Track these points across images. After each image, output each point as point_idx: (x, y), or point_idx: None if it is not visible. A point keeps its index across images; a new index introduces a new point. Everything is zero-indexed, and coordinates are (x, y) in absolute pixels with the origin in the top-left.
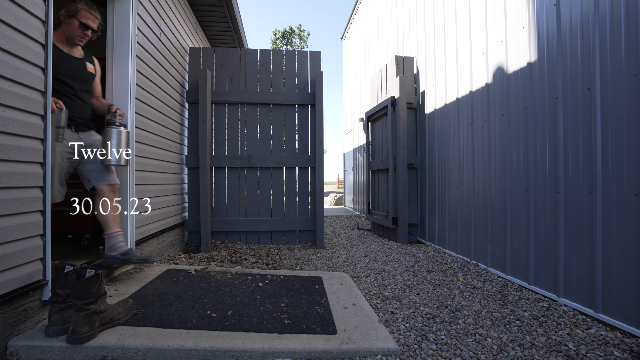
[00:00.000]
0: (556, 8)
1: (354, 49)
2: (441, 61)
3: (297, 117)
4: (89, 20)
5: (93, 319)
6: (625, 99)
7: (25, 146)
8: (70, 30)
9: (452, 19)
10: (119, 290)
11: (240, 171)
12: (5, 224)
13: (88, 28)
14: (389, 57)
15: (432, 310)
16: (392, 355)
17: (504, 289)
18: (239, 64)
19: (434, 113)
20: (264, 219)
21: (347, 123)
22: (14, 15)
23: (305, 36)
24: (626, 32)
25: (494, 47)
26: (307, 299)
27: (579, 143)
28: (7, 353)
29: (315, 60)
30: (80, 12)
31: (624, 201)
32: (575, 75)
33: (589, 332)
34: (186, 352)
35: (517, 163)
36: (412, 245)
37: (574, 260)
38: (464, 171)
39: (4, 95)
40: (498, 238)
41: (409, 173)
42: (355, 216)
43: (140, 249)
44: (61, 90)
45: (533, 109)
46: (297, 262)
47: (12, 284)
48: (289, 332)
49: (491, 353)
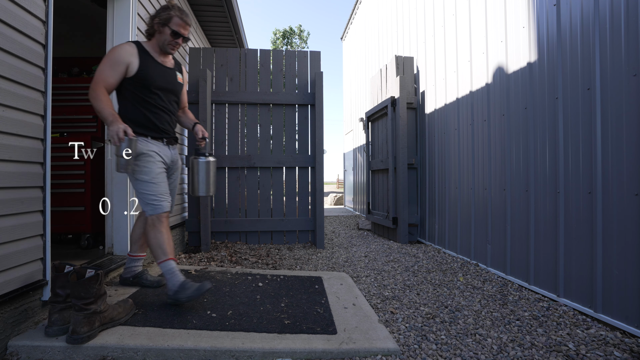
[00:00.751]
0: (556, 8)
1: (354, 49)
2: (441, 61)
3: (297, 117)
4: (181, 28)
5: (93, 319)
6: (625, 99)
7: (25, 146)
8: (162, 39)
9: (452, 19)
10: (119, 290)
11: (240, 171)
12: (6, 224)
13: (179, 36)
14: (389, 57)
15: (432, 310)
16: (392, 355)
17: (504, 289)
18: (239, 64)
19: (434, 113)
20: (264, 219)
21: (347, 123)
22: (14, 15)
23: (305, 36)
24: (626, 32)
25: (494, 47)
26: (307, 299)
27: (579, 143)
28: (7, 353)
29: (315, 60)
30: (172, 19)
31: (624, 201)
32: (575, 75)
33: (589, 332)
34: (186, 352)
35: (517, 163)
36: (412, 245)
37: (574, 260)
38: (464, 171)
39: (4, 95)
40: (498, 238)
41: (409, 173)
42: (355, 216)
43: None
44: (152, 102)
45: (533, 109)
46: (297, 262)
47: (12, 284)
48: (289, 332)
49: (491, 353)
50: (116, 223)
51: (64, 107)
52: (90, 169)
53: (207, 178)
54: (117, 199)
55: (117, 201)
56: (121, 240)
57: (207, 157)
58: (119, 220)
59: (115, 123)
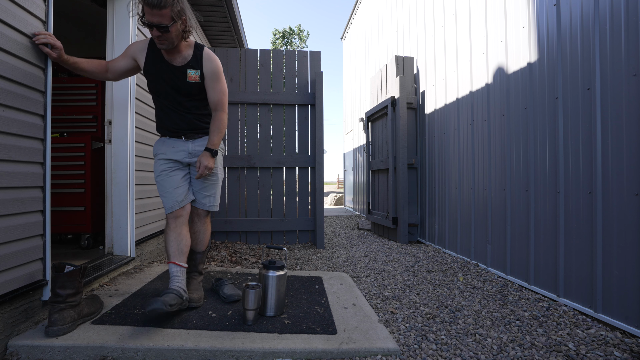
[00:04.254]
0: (556, 8)
1: (354, 49)
2: (441, 61)
3: (297, 117)
4: (148, 16)
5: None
6: (625, 99)
7: (25, 146)
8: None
9: (452, 19)
10: (119, 290)
11: (240, 171)
12: (6, 224)
13: (151, 26)
14: (389, 57)
15: (432, 310)
16: (392, 355)
17: (504, 289)
18: (239, 64)
19: (434, 113)
20: (264, 219)
21: (347, 123)
22: (14, 15)
23: (305, 36)
24: (626, 32)
25: (494, 47)
26: (307, 299)
27: (579, 143)
28: (7, 353)
29: (315, 60)
30: (144, 9)
31: (624, 201)
32: (575, 75)
33: (589, 332)
34: (186, 352)
35: (517, 163)
36: (412, 245)
37: (574, 260)
38: (464, 171)
39: (4, 95)
40: (498, 238)
41: (409, 173)
42: (355, 216)
43: (140, 248)
44: (157, 102)
45: (533, 109)
46: (297, 262)
47: (12, 284)
48: (289, 332)
49: (491, 353)
50: (116, 223)
51: (64, 107)
52: (90, 169)
53: (278, 295)
54: (117, 199)
55: (117, 201)
56: (121, 240)
57: (277, 270)
58: (118, 220)
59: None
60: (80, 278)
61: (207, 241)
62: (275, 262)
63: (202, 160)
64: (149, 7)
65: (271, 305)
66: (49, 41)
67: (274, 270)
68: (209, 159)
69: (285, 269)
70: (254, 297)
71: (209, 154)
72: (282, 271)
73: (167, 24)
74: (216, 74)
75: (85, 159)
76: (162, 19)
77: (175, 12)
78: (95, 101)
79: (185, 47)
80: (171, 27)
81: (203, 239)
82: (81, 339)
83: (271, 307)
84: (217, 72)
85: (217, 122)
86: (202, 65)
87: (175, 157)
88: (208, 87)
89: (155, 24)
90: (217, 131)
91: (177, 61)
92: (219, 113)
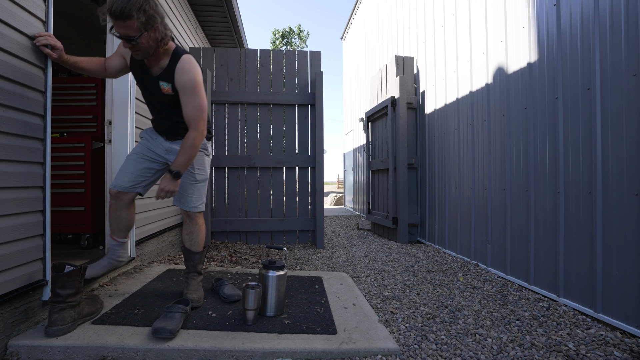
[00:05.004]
0: (556, 8)
1: (354, 49)
2: (441, 61)
3: (297, 117)
4: (115, 27)
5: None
6: (625, 99)
7: (25, 146)
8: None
9: (452, 19)
10: (119, 290)
11: (240, 171)
12: (6, 224)
13: (120, 37)
14: (389, 57)
15: (432, 310)
16: (392, 355)
17: (504, 289)
18: (239, 64)
19: (434, 113)
20: (264, 219)
21: (347, 123)
22: (14, 16)
23: (305, 36)
24: (626, 32)
25: (494, 47)
26: (307, 299)
27: (579, 143)
28: (7, 353)
29: (315, 60)
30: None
31: (624, 201)
32: (575, 75)
33: (589, 332)
34: (186, 352)
35: (517, 163)
36: (412, 245)
37: (574, 260)
38: (464, 171)
39: (4, 95)
40: (498, 238)
41: (409, 173)
42: (355, 216)
43: (140, 248)
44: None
45: (533, 109)
46: (297, 262)
47: (12, 284)
48: (289, 332)
49: (491, 353)
50: None
51: (64, 107)
52: (90, 169)
53: (278, 295)
54: None
55: None
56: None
57: (277, 270)
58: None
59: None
60: (80, 278)
61: (203, 241)
62: (275, 262)
63: (162, 183)
64: (113, 18)
65: (271, 305)
66: (49, 42)
67: (274, 270)
68: (170, 182)
69: (285, 269)
70: (254, 297)
71: (171, 176)
72: (282, 271)
73: (134, 35)
74: (189, 88)
75: (85, 159)
76: (128, 31)
77: (141, 22)
78: (95, 101)
79: (163, 54)
80: (139, 38)
81: (197, 240)
82: (81, 339)
83: (271, 307)
84: (191, 86)
85: (188, 141)
86: (174, 78)
87: (154, 149)
88: (182, 101)
89: (123, 35)
90: (185, 151)
91: (154, 70)
92: (191, 132)
